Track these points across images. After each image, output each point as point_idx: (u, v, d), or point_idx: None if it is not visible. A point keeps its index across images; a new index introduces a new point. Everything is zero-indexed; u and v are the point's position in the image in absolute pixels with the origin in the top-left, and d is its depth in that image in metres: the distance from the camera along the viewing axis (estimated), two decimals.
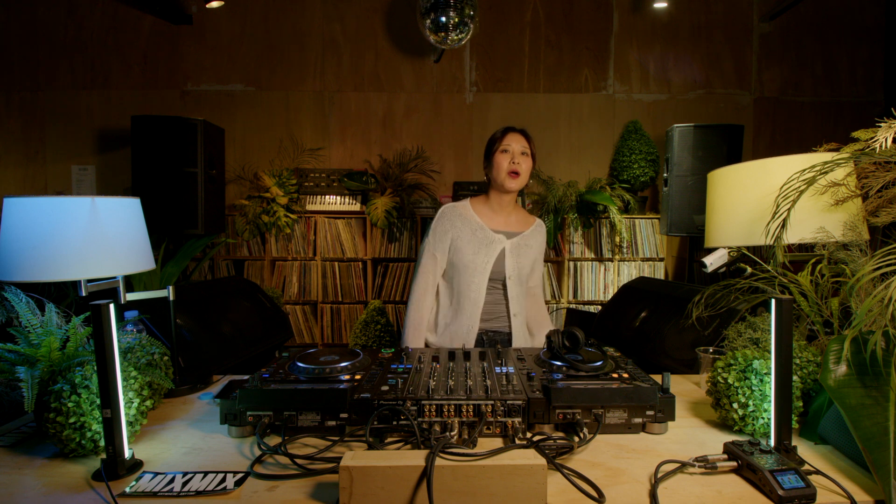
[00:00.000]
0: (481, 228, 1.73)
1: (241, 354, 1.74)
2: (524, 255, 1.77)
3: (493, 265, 1.71)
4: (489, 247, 1.71)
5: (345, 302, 3.57)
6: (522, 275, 1.76)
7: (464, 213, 1.76)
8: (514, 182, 1.69)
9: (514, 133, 1.73)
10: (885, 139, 0.94)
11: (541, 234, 1.85)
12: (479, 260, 1.70)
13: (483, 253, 1.70)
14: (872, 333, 0.88)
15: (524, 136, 1.73)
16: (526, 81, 3.83)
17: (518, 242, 1.76)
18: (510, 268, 1.72)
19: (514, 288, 1.74)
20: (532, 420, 1.05)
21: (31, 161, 3.75)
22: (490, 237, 1.72)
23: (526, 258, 1.77)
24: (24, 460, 0.99)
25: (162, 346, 1.32)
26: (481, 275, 1.69)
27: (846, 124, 3.86)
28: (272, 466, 0.96)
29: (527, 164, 1.72)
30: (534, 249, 1.81)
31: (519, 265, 1.74)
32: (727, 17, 3.82)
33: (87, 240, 0.89)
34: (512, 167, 1.68)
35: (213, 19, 3.74)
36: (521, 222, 1.82)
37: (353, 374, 1.16)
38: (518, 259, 1.75)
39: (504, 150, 1.70)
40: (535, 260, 1.84)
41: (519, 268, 1.74)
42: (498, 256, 1.72)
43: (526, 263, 1.77)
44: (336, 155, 3.84)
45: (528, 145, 1.72)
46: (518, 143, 1.71)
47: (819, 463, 0.96)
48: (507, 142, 1.71)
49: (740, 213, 1.02)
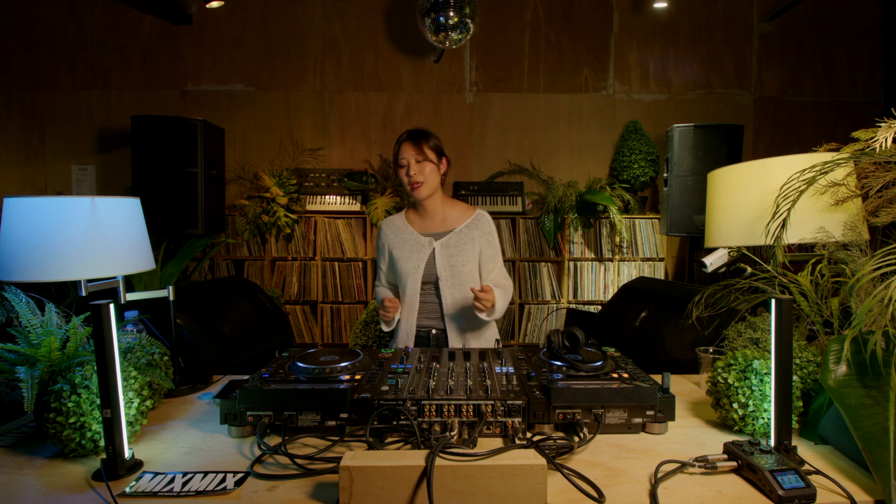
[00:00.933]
0: (412, 235, 1.78)
1: (241, 354, 1.74)
2: (458, 252, 1.73)
3: (425, 268, 1.73)
4: (419, 251, 1.74)
5: (345, 302, 3.57)
6: (458, 273, 1.71)
7: (397, 223, 1.82)
8: (419, 192, 1.71)
9: (405, 144, 1.71)
10: (885, 139, 0.94)
11: (478, 227, 1.77)
12: (411, 265, 1.74)
13: (414, 258, 1.74)
14: (872, 333, 0.88)
15: (414, 142, 1.70)
16: (526, 81, 3.83)
17: (448, 241, 1.74)
18: (440, 268, 1.72)
19: (447, 288, 1.71)
20: (532, 420, 1.05)
21: (31, 161, 3.75)
22: (419, 241, 1.76)
23: (461, 255, 1.72)
24: (24, 460, 1.00)
25: (162, 346, 1.32)
26: (414, 279, 1.73)
27: (846, 124, 3.86)
28: (272, 466, 0.96)
29: (427, 168, 1.69)
30: (472, 244, 1.74)
31: (451, 264, 1.72)
32: (727, 17, 3.82)
33: (87, 240, 0.89)
34: (409, 180, 1.70)
35: (213, 19, 3.74)
36: (455, 219, 1.79)
37: (353, 374, 1.16)
38: (450, 258, 1.72)
39: (400, 164, 1.72)
40: (482, 253, 1.76)
41: (451, 266, 1.71)
42: (428, 259, 1.73)
43: (462, 261, 1.72)
44: (336, 155, 3.84)
45: (419, 152, 1.69)
46: (410, 153, 1.69)
47: (819, 463, 0.95)
48: (402, 155, 1.71)
49: (740, 213, 1.02)
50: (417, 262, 1.73)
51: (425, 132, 1.74)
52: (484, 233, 1.78)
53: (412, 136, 1.71)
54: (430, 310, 1.76)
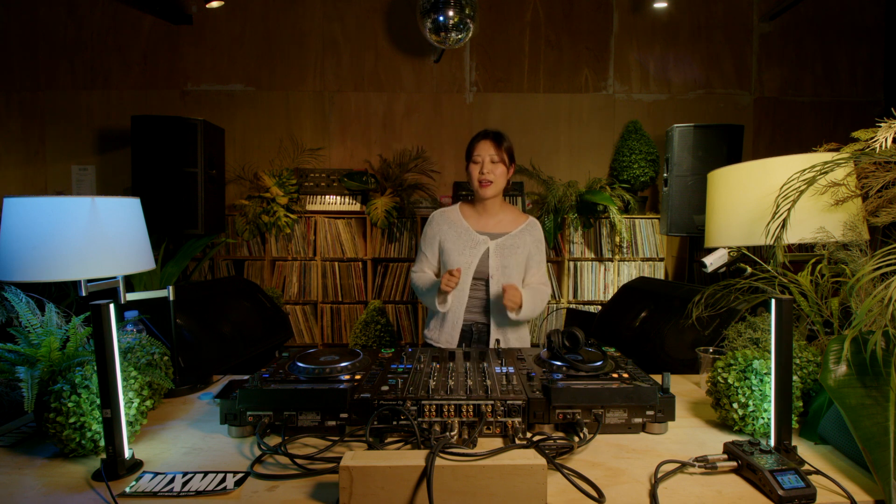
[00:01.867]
0: (466, 231, 1.84)
1: (241, 354, 1.74)
2: (511, 254, 1.81)
3: (478, 265, 1.80)
4: (474, 248, 1.81)
5: (345, 302, 3.57)
6: (508, 274, 1.80)
7: (451, 217, 1.88)
8: (486, 190, 1.78)
9: (485, 141, 1.77)
10: (885, 139, 0.94)
11: (531, 233, 1.87)
12: (464, 260, 1.80)
13: (468, 253, 1.81)
14: (872, 333, 0.88)
15: (495, 142, 1.76)
16: (526, 81, 3.83)
17: (503, 243, 1.82)
18: (493, 267, 1.79)
19: (496, 286, 1.79)
20: (532, 420, 1.05)
21: (31, 161, 3.75)
22: (475, 239, 1.82)
23: (513, 257, 1.81)
24: (24, 460, 1.00)
25: (162, 346, 1.32)
26: (465, 273, 1.79)
27: (846, 124, 3.86)
28: (272, 466, 0.96)
29: (499, 170, 1.77)
30: (524, 248, 1.83)
31: (503, 264, 1.80)
32: (727, 17, 3.82)
33: (87, 240, 0.89)
34: (481, 177, 1.77)
35: (213, 19, 3.73)
36: (510, 222, 1.87)
37: (353, 374, 1.16)
38: (503, 259, 1.80)
39: (474, 160, 1.78)
40: (530, 257, 1.85)
41: (503, 267, 1.80)
42: (482, 256, 1.80)
43: (513, 263, 1.80)
44: (336, 155, 3.84)
45: (497, 152, 1.76)
46: (488, 151, 1.76)
47: (819, 463, 0.96)
48: (478, 151, 1.77)
49: (740, 213, 1.02)
50: (471, 257, 1.80)
51: (503, 135, 1.81)
52: (535, 239, 1.87)
53: (493, 135, 1.78)
54: (477, 304, 1.83)
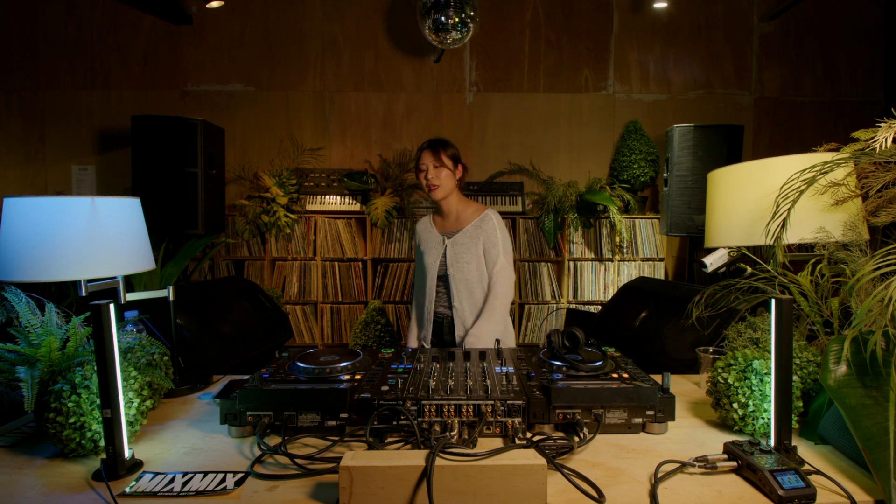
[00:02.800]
0: (433, 234, 2.00)
1: (241, 354, 1.74)
2: (465, 250, 1.90)
3: (439, 263, 1.95)
4: (436, 248, 1.96)
5: (345, 302, 3.57)
6: (465, 269, 1.89)
7: (425, 223, 2.05)
8: (435, 193, 1.90)
9: (426, 151, 1.90)
10: (885, 139, 0.94)
11: (482, 226, 1.91)
12: (430, 261, 1.96)
13: (432, 254, 1.96)
14: (872, 333, 0.88)
15: (433, 150, 1.89)
16: (526, 81, 3.83)
17: (456, 239, 1.93)
18: (449, 263, 1.92)
19: (453, 283, 1.90)
20: (532, 420, 1.05)
21: (31, 161, 3.75)
22: (437, 240, 1.97)
23: (468, 252, 1.89)
24: (24, 460, 1.00)
25: (162, 346, 1.32)
26: (431, 273, 1.96)
27: (846, 124, 3.86)
28: (272, 466, 0.96)
29: (442, 173, 1.88)
30: (475, 241, 1.90)
31: (459, 259, 1.90)
32: (727, 17, 3.82)
33: (87, 240, 0.89)
34: (427, 183, 1.89)
35: (213, 19, 3.73)
36: (467, 219, 1.95)
37: (353, 374, 1.16)
38: (458, 254, 1.91)
39: (420, 169, 1.91)
40: (487, 250, 1.89)
41: (457, 262, 1.90)
42: (441, 255, 1.94)
43: (469, 258, 1.89)
44: (336, 155, 3.84)
45: (435, 159, 1.87)
46: (429, 159, 1.88)
47: (819, 463, 0.96)
48: (422, 161, 1.90)
49: (740, 213, 1.02)
50: (434, 258, 1.95)
51: (444, 142, 1.93)
52: (487, 231, 1.91)
53: (431, 144, 1.91)
54: (443, 299, 1.98)
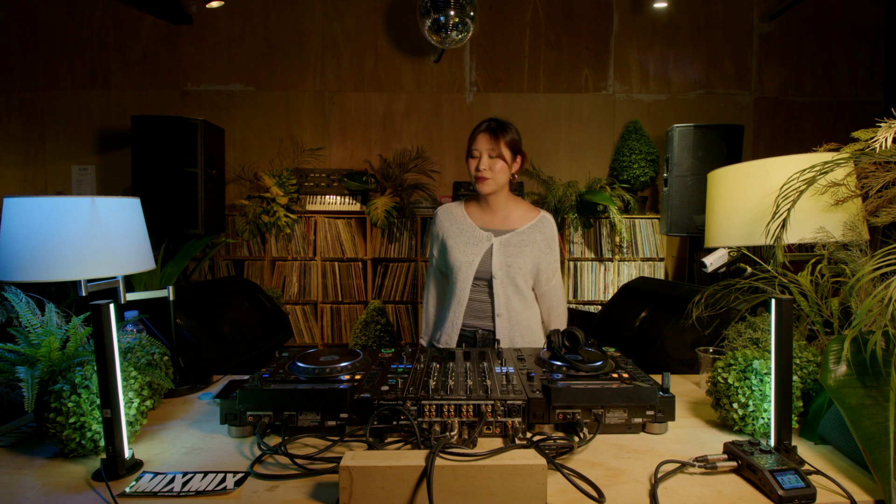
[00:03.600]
0: (470, 227, 1.72)
1: (241, 354, 1.74)
2: (517, 253, 1.67)
3: (480, 263, 1.67)
4: (476, 245, 1.69)
5: (345, 302, 3.57)
6: (513, 274, 1.66)
7: (455, 212, 1.76)
8: (483, 186, 1.66)
9: (482, 134, 1.64)
10: (885, 139, 0.94)
11: (541, 230, 1.72)
12: (465, 258, 1.68)
13: (469, 251, 1.68)
14: (872, 333, 0.88)
15: (493, 135, 1.63)
16: (526, 81, 3.83)
17: (508, 240, 1.68)
18: (496, 266, 1.66)
19: (501, 287, 1.66)
20: (532, 420, 1.05)
21: (31, 161, 3.75)
22: (477, 235, 1.70)
23: (519, 256, 1.67)
24: (24, 460, 0.99)
25: (162, 346, 1.32)
26: (465, 273, 1.67)
27: (846, 124, 3.86)
28: (272, 466, 0.96)
29: (498, 165, 1.63)
30: (533, 246, 1.69)
31: (508, 263, 1.66)
32: (727, 17, 3.82)
33: (87, 240, 0.89)
34: (477, 174, 1.65)
35: (213, 19, 3.73)
36: (518, 218, 1.73)
37: (353, 374, 1.16)
38: (507, 257, 1.67)
39: (472, 155, 1.66)
40: (540, 259, 1.70)
41: (507, 266, 1.66)
42: (485, 254, 1.68)
43: (520, 262, 1.66)
44: (336, 155, 3.84)
45: (495, 145, 1.62)
46: (485, 144, 1.63)
47: (819, 463, 0.95)
48: (476, 145, 1.65)
49: (740, 213, 1.02)
50: (472, 255, 1.67)
51: (506, 125, 1.66)
52: (546, 237, 1.72)
53: (492, 128, 1.64)
54: (479, 308, 1.70)
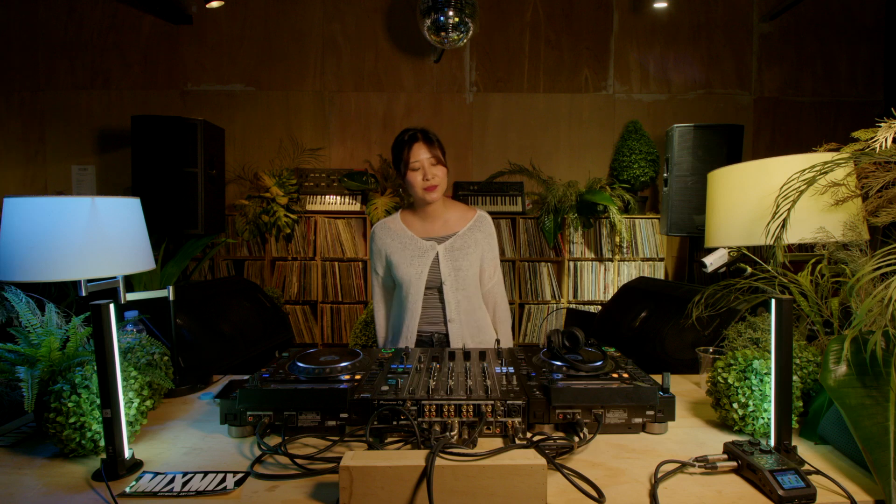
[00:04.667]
0: (411, 239, 1.70)
1: (241, 354, 1.74)
2: (462, 256, 1.68)
3: (429, 274, 1.67)
4: (422, 256, 1.68)
5: (345, 302, 3.57)
6: (462, 277, 1.67)
7: (393, 227, 1.74)
8: (433, 194, 1.64)
9: (418, 144, 1.61)
10: (885, 139, 0.94)
11: (481, 229, 1.73)
12: (413, 271, 1.67)
13: (416, 264, 1.67)
14: (872, 333, 0.88)
15: (426, 142, 1.62)
16: (526, 81, 3.83)
17: (452, 244, 1.69)
18: (445, 273, 1.66)
19: (451, 293, 1.67)
20: (532, 420, 1.05)
21: (31, 161, 3.75)
22: (421, 246, 1.69)
23: (465, 258, 1.68)
24: (24, 460, 0.99)
25: (162, 346, 1.32)
26: (416, 285, 1.67)
27: (846, 124, 3.86)
28: (272, 466, 0.96)
29: (441, 172, 1.64)
30: (476, 246, 1.70)
31: (456, 267, 1.67)
32: (727, 17, 3.82)
33: (87, 240, 0.89)
34: (426, 184, 1.62)
35: (213, 19, 3.74)
36: (457, 221, 1.74)
37: (353, 374, 1.16)
38: (454, 262, 1.67)
39: (412, 168, 1.62)
40: (483, 258, 1.72)
41: (456, 270, 1.67)
42: (432, 264, 1.67)
43: (466, 264, 1.67)
44: (336, 155, 3.84)
45: (433, 151, 1.62)
46: (423, 153, 1.61)
47: (819, 463, 0.95)
48: (413, 157, 1.61)
49: (740, 213, 1.02)
50: (420, 267, 1.67)
51: (428, 130, 1.66)
52: (486, 235, 1.75)
53: (425, 136, 1.62)
54: (433, 315, 1.71)
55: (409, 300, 1.68)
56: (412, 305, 1.68)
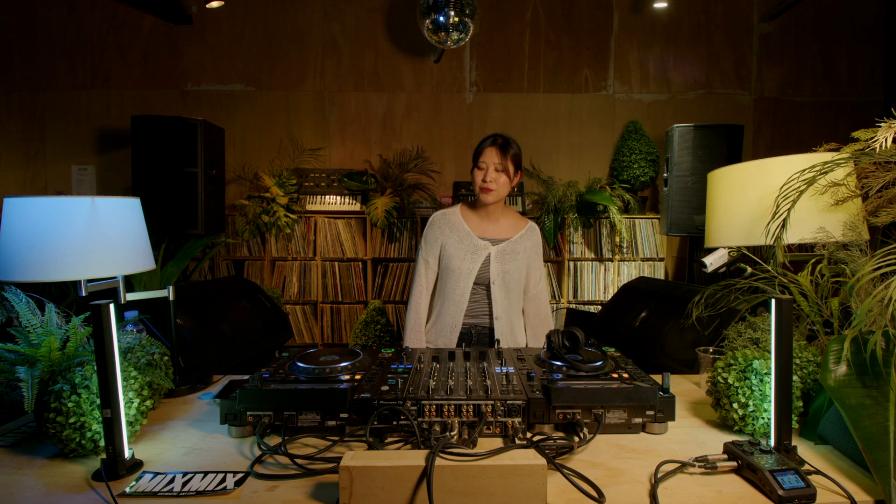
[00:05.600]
0: (468, 235, 1.81)
1: (241, 354, 1.74)
2: (511, 260, 1.81)
3: (479, 270, 1.79)
4: (475, 253, 1.79)
5: (345, 302, 3.57)
6: (508, 279, 1.80)
7: (452, 219, 1.85)
8: (487, 197, 1.76)
9: (491, 148, 1.75)
10: (885, 139, 0.94)
11: (530, 238, 1.87)
12: (465, 266, 1.79)
13: (469, 259, 1.79)
14: (872, 333, 0.88)
15: (501, 150, 1.74)
16: (526, 81, 3.83)
17: (504, 248, 1.81)
18: (494, 273, 1.79)
19: (499, 292, 1.79)
20: (532, 420, 1.05)
21: (31, 161, 3.75)
22: (476, 244, 1.80)
23: (513, 263, 1.81)
24: (24, 460, 1.00)
25: (162, 346, 1.32)
26: (466, 279, 1.79)
27: (846, 124, 3.86)
28: (272, 466, 0.96)
29: (501, 179, 1.75)
30: (524, 254, 1.83)
31: (504, 270, 1.79)
32: (727, 17, 3.82)
33: (87, 240, 0.89)
34: (483, 185, 1.75)
35: (213, 19, 3.73)
36: (510, 227, 1.86)
37: (353, 374, 1.16)
38: (504, 264, 1.80)
39: (479, 166, 1.76)
40: (530, 264, 1.86)
41: (504, 272, 1.79)
42: (483, 262, 1.79)
43: (514, 268, 1.80)
44: (336, 155, 3.84)
45: (502, 160, 1.73)
46: (493, 158, 1.74)
47: (819, 463, 0.96)
48: (483, 158, 1.75)
49: (740, 213, 1.02)
50: (472, 263, 1.79)
51: (512, 142, 1.77)
52: (534, 245, 1.88)
53: (500, 143, 1.75)
54: (478, 309, 1.83)
55: (456, 292, 1.80)
56: (459, 297, 1.79)
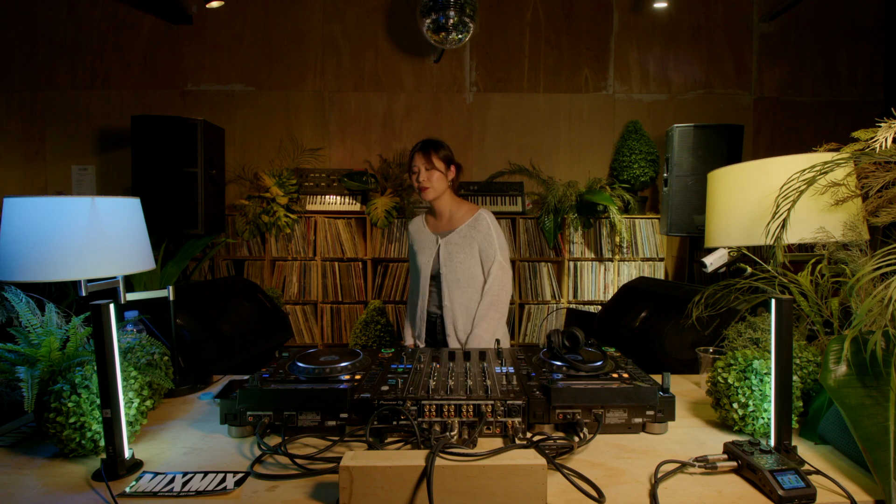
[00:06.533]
0: (427, 234, 2.01)
1: (241, 354, 1.74)
2: (459, 249, 1.91)
3: (433, 263, 1.96)
4: (430, 248, 1.98)
5: (345, 302, 3.57)
6: (458, 268, 1.90)
7: (419, 223, 2.07)
8: (426, 194, 1.91)
9: (417, 154, 1.91)
10: (885, 139, 0.94)
11: (476, 226, 1.91)
12: (423, 261, 1.98)
13: (426, 254, 1.98)
14: (872, 333, 0.88)
15: (424, 152, 1.90)
16: (526, 81, 3.83)
17: (449, 239, 1.94)
18: (441, 262, 1.93)
19: (445, 281, 1.92)
20: (532, 420, 1.05)
21: (31, 161, 3.75)
22: (430, 239, 1.99)
23: (462, 252, 1.90)
24: (24, 460, 1.00)
25: (162, 346, 1.32)
26: (424, 273, 1.97)
27: (846, 124, 3.86)
28: (272, 466, 0.96)
29: (434, 175, 1.89)
30: (470, 241, 1.90)
31: (452, 258, 1.91)
32: (727, 17, 3.82)
33: (87, 240, 0.89)
34: (418, 185, 1.91)
35: (213, 19, 3.73)
36: (460, 219, 1.96)
37: (353, 374, 1.16)
38: (451, 253, 1.92)
39: (412, 171, 1.93)
40: (483, 250, 1.89)
41: (452, 261, 1.91)
42: (435, 255, 1.96)
43: (463, 257, 1.90)
44: (336, 155, 3.84)
45: (427, 161, 1.88)
46: (420, 162, 1.90)
47: (819, 463, 0.96)
48: (414, 163, 1.92)
49: (740, 213, 1.02)
50: (427, 257, 1.97)
51: (436, 143, 1.93)
52: (482, 231, 1.92)
53: (423, 146, 1.91)
54: (436, 298, 1.98)
55: (420, 285, 2.00)
56: (422, 289, 1.99)
